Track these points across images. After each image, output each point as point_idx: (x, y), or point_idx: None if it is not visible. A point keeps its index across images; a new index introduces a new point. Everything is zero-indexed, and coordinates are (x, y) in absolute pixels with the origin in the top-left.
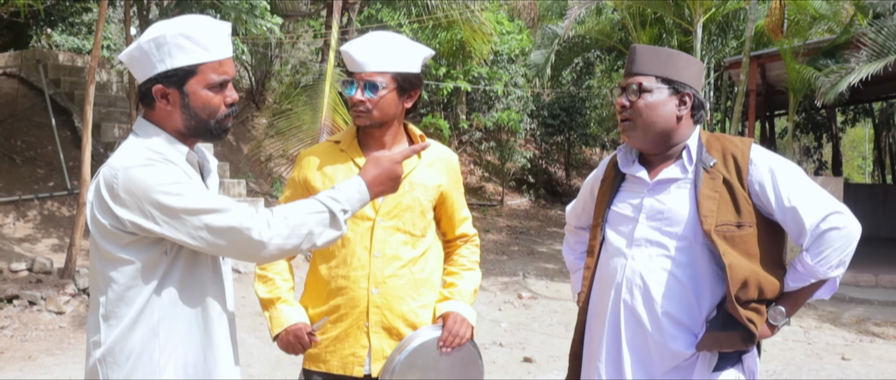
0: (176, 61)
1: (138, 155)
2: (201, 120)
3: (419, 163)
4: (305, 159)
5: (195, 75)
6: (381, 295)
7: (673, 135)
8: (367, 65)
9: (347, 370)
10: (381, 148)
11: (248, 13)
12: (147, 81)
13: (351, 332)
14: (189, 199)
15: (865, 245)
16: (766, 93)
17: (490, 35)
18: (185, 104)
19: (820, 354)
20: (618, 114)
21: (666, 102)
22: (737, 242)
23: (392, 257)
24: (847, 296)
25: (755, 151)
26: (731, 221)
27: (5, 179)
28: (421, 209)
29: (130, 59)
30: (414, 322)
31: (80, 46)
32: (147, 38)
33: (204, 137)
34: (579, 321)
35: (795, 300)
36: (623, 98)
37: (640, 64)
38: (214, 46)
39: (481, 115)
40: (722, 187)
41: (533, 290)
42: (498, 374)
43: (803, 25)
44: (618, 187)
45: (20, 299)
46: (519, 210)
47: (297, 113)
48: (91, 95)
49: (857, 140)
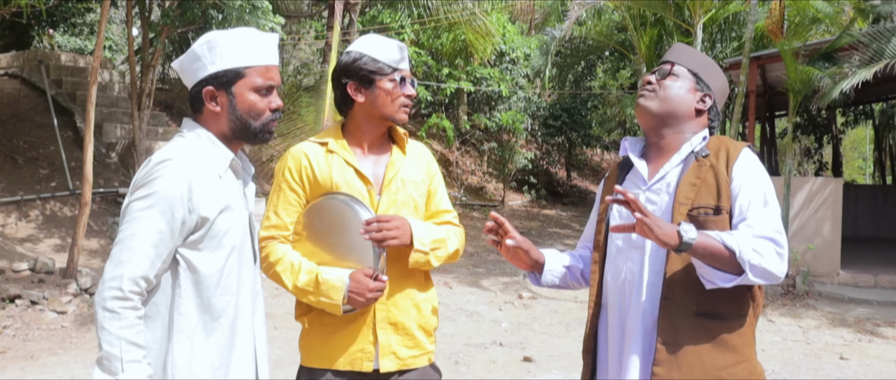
0: (225, 63)
1: (173, 152)
2: (246, 122)
3: (405, 160)
4: (298, 160)
5: (242, 78)
6: (387, 292)
7: (682, 123)
8: (408, 64)
9: (356, 366)
10: (373, 148)
11: (251, 13)
12: (197, 84)
13: (358, 328)
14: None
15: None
16: (766, 94)
17: (492, 36)
18: (232, 106)
19: (818, 353)
20: (641, 88)
21: (689, 91)
22: (707, 229)
23: (395, 254)
24: (846, 296)
25: (748, 151)
26: (709, 205)
27: (7, 179)
28: (414, 205)
29: (182, 64)
30: (420, 314)
31: (82, 47)
32: (200, 43)
33: (248, 139)
34: (592, 316)
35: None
36: (651, 77)
37: (678, 55)
38: (261, 52)
39: (483, 115)
40: (707, 173)
41: (533, 290)
42: (498, 373)
43: (803, 27)
44: (621, 183)
45: (22, 299)
46: (520, 210)
47: (300, 114)
48: (93, 95)
49: (857, 141)
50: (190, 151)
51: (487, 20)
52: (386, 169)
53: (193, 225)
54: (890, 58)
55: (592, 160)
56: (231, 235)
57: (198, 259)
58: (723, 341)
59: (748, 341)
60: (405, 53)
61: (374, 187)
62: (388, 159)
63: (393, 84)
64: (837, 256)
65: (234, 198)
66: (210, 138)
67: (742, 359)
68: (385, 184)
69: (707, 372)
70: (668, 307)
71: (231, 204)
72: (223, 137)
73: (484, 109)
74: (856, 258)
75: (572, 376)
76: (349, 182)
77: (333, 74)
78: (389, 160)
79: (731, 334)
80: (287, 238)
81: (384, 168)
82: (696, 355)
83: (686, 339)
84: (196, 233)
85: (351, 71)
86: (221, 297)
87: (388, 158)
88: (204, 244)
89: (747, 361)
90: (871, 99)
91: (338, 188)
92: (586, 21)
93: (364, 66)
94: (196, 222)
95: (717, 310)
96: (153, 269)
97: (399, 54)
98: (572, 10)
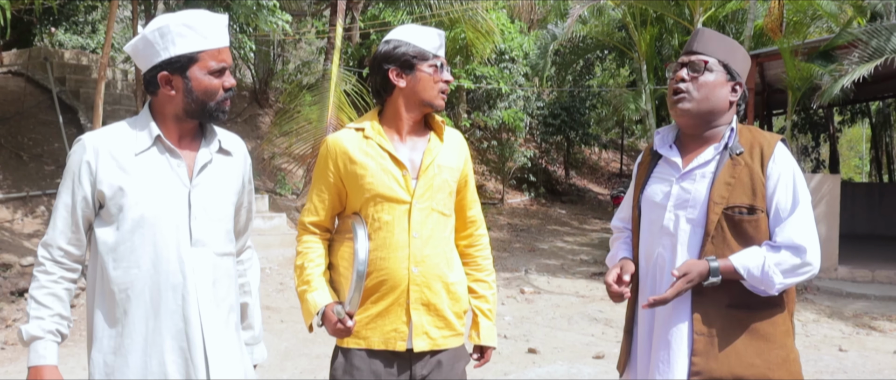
0: (178, 49)
1: (87, 134)
2: (202, 102)
3: (443, 146)
4: (333, 150)
5: (196, 62)
6: (421, 273)
7: (719, 117)
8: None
9: (390, 345)
10: (410, 134)
11: (257, 11)
12: (151, 69)
13: (392, 309)
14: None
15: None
16: (764, 92)
17: (493, 35)
18: (188, 89)
19: (818, 346)
20: (672, 86)
21: (723, 85)
22: (742, 228)
23: (429, 237)
24: (844, 291)
25: (781, 147)
26: (743, 204)
27: (13, 175)
28: (449, 190)
29: (135, 50)
30: (452, 296)
31: (84, 44)
32: (151, 28)
33: (204, 118)
34: (631, 299)
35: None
36: (683, 72)
37: (707, 45)
38: (213, 35)
39: (483, 113)
40: (742, 172)
41: (535, 285)
42: (504, 365)
43: (802, 25)
44: (652, 170)
45: None
46: (519, 208)
47: (303, 113)
48: (101, 92)
49: (854, 140)
50: (105, 131)
51: (488, 18)
52: (423, 155)
53: (98, 199)
54: (891, 53)
55: (591, 159)
56: (137, 210)
57: (102, 232)
58: (755, 330)
59: (782, 329)
60: (443, 40)
61: (410, 172)
62: (426, 146)
63: (433, 69)
64: (835, 252)
65: (152, 175)
66: (145, 119)
67: (776, 346)
68: (422, 169)
69: (741, 359)
70: (703, 301)
71: (145, 180)
72: (176, 117)
73: (483, 108)
74: (853, 254)
75: (577, 368)
76: (385, 167)
77: (373, 62)
78: (427, 146)
79: (762, 323)
80: (323, 232)
81: (421, 154)
82: (731, 346)
83: (720, 330)
84: (103, 207)
85: (393, 57)
86: (126, 270)
87: (426, 145)
88: (109, 218)
89: (781, 347)
90: (868, 97)
91: (372, 174)
92: (589, 19)
93: (406, 53)
94: (100, 196)
95: (747, 302)
96: (64, 237)
97: (438, 41)
98: (574, 8)
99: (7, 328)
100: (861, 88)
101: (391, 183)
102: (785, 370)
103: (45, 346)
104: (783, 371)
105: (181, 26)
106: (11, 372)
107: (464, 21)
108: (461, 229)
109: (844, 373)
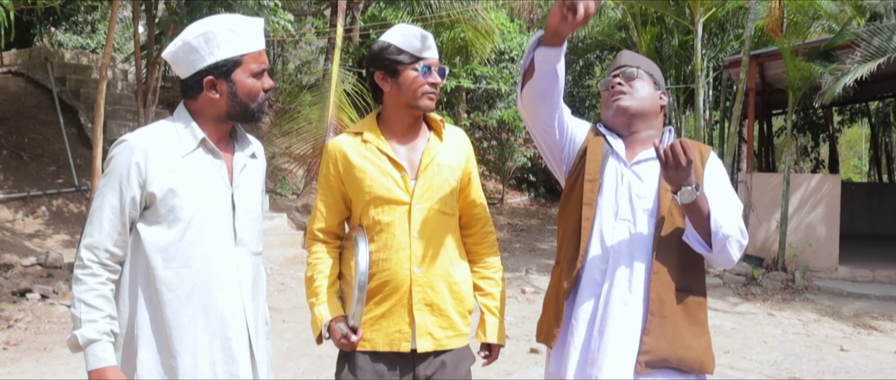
0: (224, 53)
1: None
2: (245, 105)
3: (442, 146)
4: (333, 155)
5: (240, 65)
6: (424, 273)
7: (651, 119)
8: (435, 52)
9: (394, 347)
10: (407, 135)
11: (258, 11)
12: (196, 74)
13: (395, 310)
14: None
15: (863, 242)
16: (764, 92)
17: (492, 34)
18: (232, 92)
19: (819, 345)
20: (610, 90)
21: (653, 90)
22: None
23: (431, 237)
24: (845, 291)
25: (714, 154)
26: None
27: (14, 175)
28: (450, 189)
29: (175, 56)
30: (455, 296)
31: (84, 44)
32: (194, 34)
33: (245, 119)
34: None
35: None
36: (617, 80)
37: (631, 60)
38: (253, 39)
39: (482, 113)
40: None
41: (536, 285)
42: (506, 365)
43: (803, 25)
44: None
45: (33, 293)
46: (519, 208)
47: (303, 113)
48: (103, 91)
49: (853, 141)
50: (149, 133)
51: (488, 18)
52: (422, 155)
53: (146, 200)
54: (893, 52)
55: None
56: (188, 211)
57: (150, 232)
58: (693, 315)
59: (706, 316)
60: (430, 42)
61: (408, 173)
62: (425, 146)
63: (416, 73)
64: (835, 252)
65: (199, 176)
66: (186, 121)
67: (705, 332)
68: (421, 169)
69: (684, 342)
70: (656, 282)
71: (194, 181)
72: (217, 119)
73: (483, 108)
74: (853, 254)
75: None
76: (383, 169)
77: (365, 64)
78: (426, 147)
79: (698, 309)
80: (333, 239)
81: (420, 154)
82: (676, 328)
83: (669, 312)
84: (150, 208)
85: (377, 60)
86: (177, 270)
87: (425, 145)
88: (158, 218)
89: (707, 333)
90: (867, 97)
91: (371, 176)
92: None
93: (389, 56)
94: (148, 198)
95: (691, 286)
96: (110, 239)
97: (421, 43)
98: None
99: (8, 328)
100: (861, 88)
101: (390, 184)
102: (710, 356)
103: (103, 347)
104: (709, 356)
105: (225, 31)
106: (13, 372)
107: (463, 21)
108: (467, 227)
109: (846, 373)
